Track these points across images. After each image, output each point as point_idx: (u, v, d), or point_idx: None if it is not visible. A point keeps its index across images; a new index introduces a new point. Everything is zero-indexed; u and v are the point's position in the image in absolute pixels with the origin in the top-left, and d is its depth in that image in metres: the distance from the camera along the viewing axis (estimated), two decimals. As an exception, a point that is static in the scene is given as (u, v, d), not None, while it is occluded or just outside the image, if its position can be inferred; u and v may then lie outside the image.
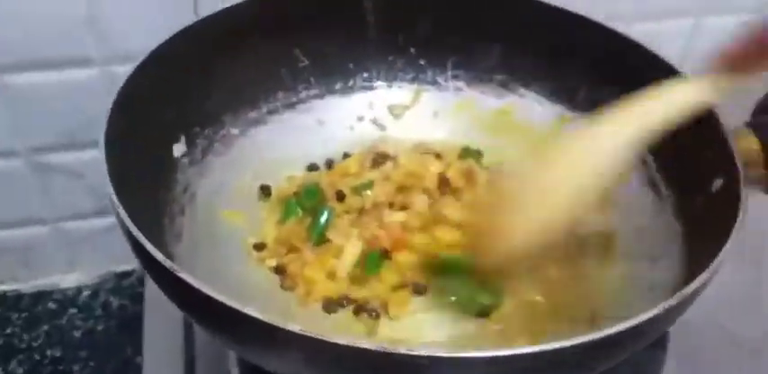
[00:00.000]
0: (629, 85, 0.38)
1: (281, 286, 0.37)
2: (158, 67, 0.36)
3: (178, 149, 0.39)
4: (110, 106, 0.33)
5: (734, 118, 0.33)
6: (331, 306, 0.36)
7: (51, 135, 0.52)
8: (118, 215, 0.28)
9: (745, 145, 0.30)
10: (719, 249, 0.25)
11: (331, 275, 0.37)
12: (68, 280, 0.62)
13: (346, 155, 0.44)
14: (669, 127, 0.27)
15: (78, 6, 0.46)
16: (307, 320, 0.35)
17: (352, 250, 0.37)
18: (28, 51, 0.47)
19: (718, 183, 0.30)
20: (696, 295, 0.25)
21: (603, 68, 0.40)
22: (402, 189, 0.41)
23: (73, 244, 0.61)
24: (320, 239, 0.38)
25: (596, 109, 0.41)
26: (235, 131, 0.42)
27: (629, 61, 0.38)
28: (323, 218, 0.39)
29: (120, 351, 0.56)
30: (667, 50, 0.59)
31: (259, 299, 0.36)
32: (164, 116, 0.37)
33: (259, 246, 0.39)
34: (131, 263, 0.63)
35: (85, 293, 0.61)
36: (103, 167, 0.45)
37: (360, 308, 0.36)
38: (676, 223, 0.34)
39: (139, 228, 0.27)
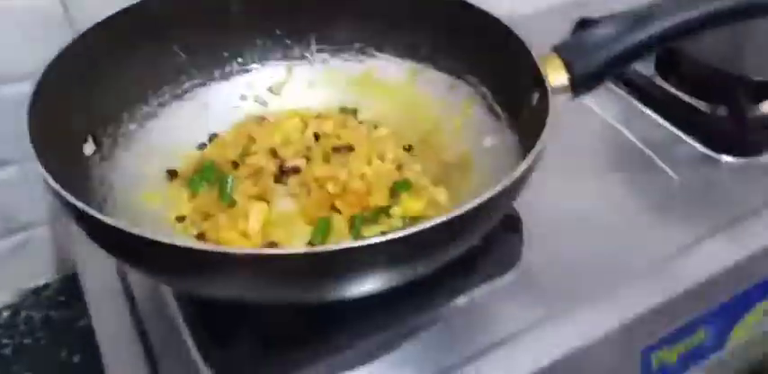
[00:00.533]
0: (459, 34, 0.47)
1: (204, 249, 0.42)
2: (56, 80, 0.39)
3: (88, 148, 0.42)
4: (25, 121, 0.36)
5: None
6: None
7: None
8: (51, 189, 0.32)
9: (551, 64, 0.39)
10: (537, 138, 0.33)
11: (245, 234, 0.41)
12: (-14, 304, 0.63)
13: (234, 128, 0.49)
14: None
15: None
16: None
17: (256, 211, 0.42)
18: None
19: (535, 97, 0.39)
20: (525, 176, 0.33)
21: (439, 26, 0.48)
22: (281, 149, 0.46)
23: (-16, 268, 0.61)
24: (231, 203, 0.43)
25: (438, 57, 0.50)
26: (133, 126, 0.46)
27: (462, 19, 0.47)
28: (228, 186, 0.44)
29: (55, 356, 0.58)
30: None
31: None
32: (70, 121, 0.41)
33: (180, 218, 0.44)
34: (44, 277, 0.65)
35: (5, 313, 0.62)
36: (6, 190, 0.46)
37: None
38: (512, 135, 0.42)
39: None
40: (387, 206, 0.42)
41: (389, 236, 0.29)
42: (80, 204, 0.31)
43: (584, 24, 0.61)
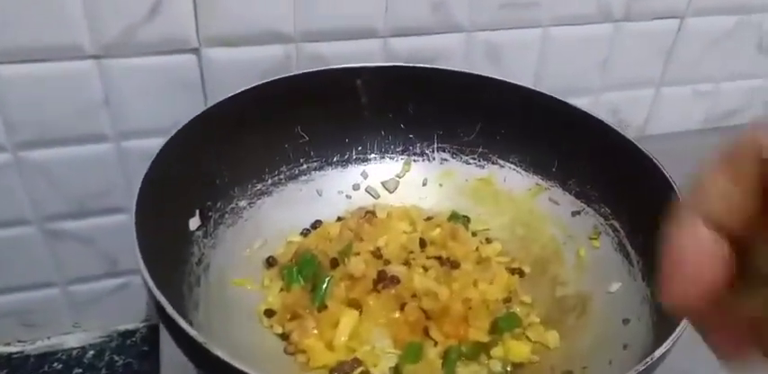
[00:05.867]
0: (596, 159, 0.44)
1: (285, 351, 0.40)
2: (177, 148, 0.39)
3: (193, 223, 0.42)
4: (137, 187, 0.36)
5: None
6: (337, 372, 0.38)
7: (63, 204, 0.56)
8: (149, 290, 0.31)
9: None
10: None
11: (329, 345, 0.39)
12: (73, 340, 0.64)
13: (339, 220, 0.48)
14: None
15: (95, 91, 0.50)
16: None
17: (347, 321, 0.40)
18: (46, 130, 0.51)
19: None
20: (663, 358, 0.29)
21: (572, 143, 0.44)
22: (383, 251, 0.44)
23: (78, 305, 0.63)
24: (322, 307, 0.41)
25: (568, 177, 0.46)
26: (243, 203, 0.46)
27: (594, 136, 0.43)
28: (323, 287, 0.42)
29: (127, 409, 0.58)
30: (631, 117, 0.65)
31: (269, 364, 0.39)
32: (181, 193, 0.41)
33: (269, 313, 0.42)
34: (134, 322, 0.66)
35: (90, 352, 0.63)
36: (115, 235, 0.46)
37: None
38: (645, 287, 0.37)
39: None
40: (487, 343, 0.38)
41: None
42: (172, 311, 0.30)
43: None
